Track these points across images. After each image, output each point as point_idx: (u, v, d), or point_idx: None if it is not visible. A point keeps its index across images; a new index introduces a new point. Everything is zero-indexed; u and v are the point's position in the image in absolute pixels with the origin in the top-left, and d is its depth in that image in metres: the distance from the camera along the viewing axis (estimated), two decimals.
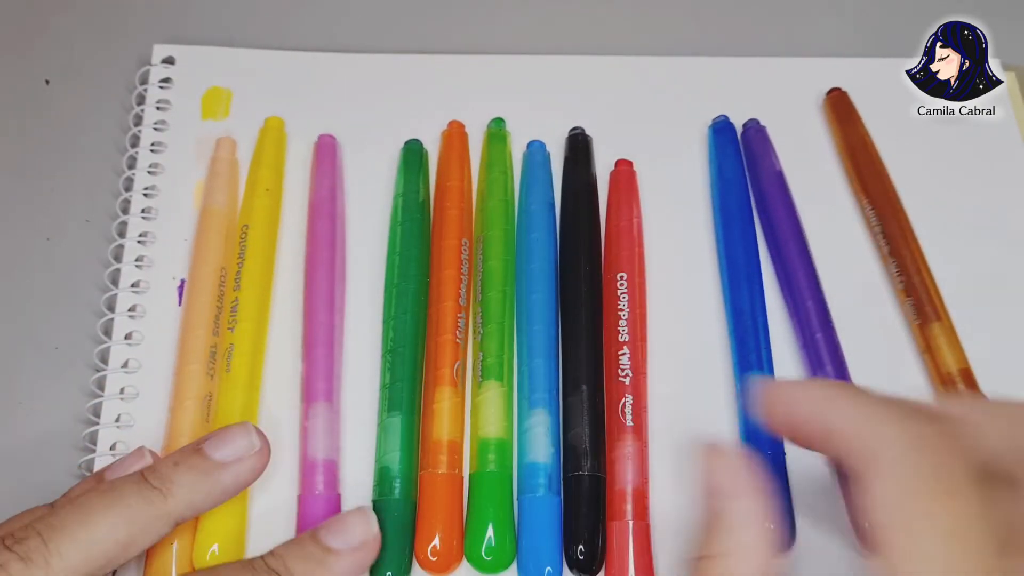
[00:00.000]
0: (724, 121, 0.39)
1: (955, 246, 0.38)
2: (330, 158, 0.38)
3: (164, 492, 0.26)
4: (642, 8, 0.44)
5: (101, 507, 0.25)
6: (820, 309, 0.34)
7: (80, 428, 0.33)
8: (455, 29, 0.43)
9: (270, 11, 0.43)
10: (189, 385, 0.32)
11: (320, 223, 0.36)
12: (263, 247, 0.35)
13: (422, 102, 0.40)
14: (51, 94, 0.41)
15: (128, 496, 0.25)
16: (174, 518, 0.26)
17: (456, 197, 0.36)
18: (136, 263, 0.36)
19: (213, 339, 0.33)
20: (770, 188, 0.37)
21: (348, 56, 0.41)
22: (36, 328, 0.36)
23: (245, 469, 0.27)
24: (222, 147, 0.38)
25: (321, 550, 0.27)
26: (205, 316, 0.34)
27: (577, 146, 0.38)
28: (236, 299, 0.34)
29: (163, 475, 0.26)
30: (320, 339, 0.33)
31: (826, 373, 0.33)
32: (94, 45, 0.42)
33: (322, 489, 0.31)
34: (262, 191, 0.36)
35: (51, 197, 0.38)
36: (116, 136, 0.39)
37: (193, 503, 0.26)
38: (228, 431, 0.27)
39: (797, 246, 0.36)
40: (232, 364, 0.32)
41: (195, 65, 0.41)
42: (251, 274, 0.34)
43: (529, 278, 0.35)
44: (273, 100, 0.40)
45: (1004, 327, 0.36)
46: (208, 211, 0.36)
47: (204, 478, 0.26)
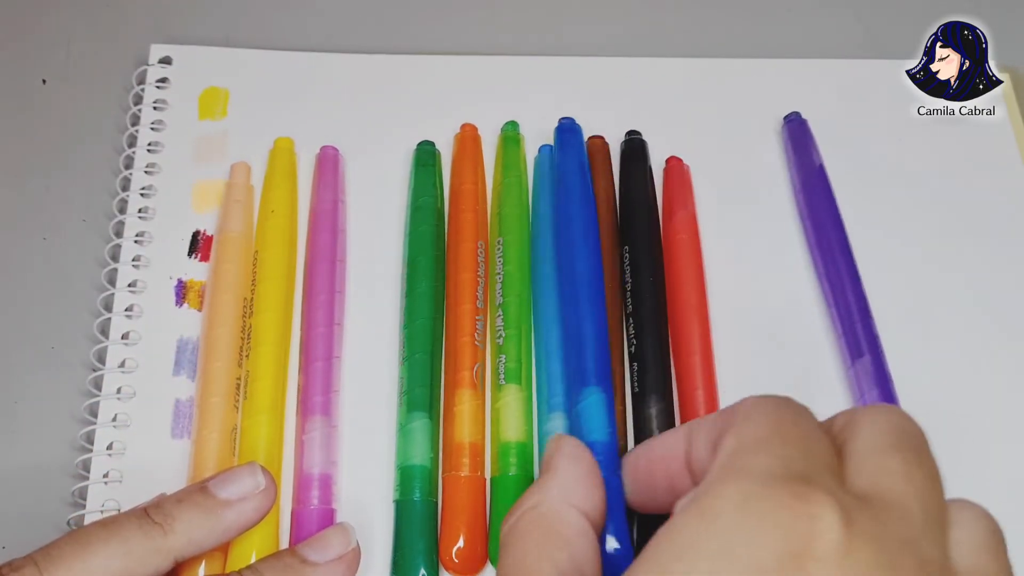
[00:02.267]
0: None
1: (954, 246, 0.38)
2: (332, 170, 0.37)
3: (165, 528, 0.26)
4: (642, 10, 0.44)
5: (99, 539, 0.25)
6: (861, 302, 0.35)
7: (77, 428, 0.33)
8: (454, 29, 0.43)
9: (268, 11, 0.43)
10: (212, 417, 0.32)
11: (321, 237, 0.35)
12: (276, 270, 0.35)
13: (421, 103, 0.40)
14: (48, 94, 0.41)
15: (128, 529, 0.25)
16: (174, 554, 0.26)
17: (471, 200, 0.36)
18: (133, 263, 0.36)
19: (237, 370, 0.33)
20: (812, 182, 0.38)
21: (346, 56, 0.41)
22: (33, 328, 0.35)
23: (249, 508, 0.27)
24: (237, 172, 0.37)
25: (299, 561, 0.27)
26: (226, 346, 0.33)
27: (634, 149, 0.38)
28: (250, 326, 0.33)
29: (165, 511, 0.26)
30: (318, 353, 0.33)
31: (864, 364, 0.34)
32: (91, 45, 0.42)
33: (316, 503, 0.31)
34: (268, 213, 0.36)
35: (48, 197, 0.38)
36: (113, 136, 0.39)
37: (194, 540, 0.26)
38: (234, 471, 0.28)
39: (839, 240, 0.36)
40: (250, 392, 0.32)
41: (192, 65, 0.40)
42: (265, 299, 0.34)
43: (545, 282, 0.35)
44: (271, 100, 0.40)
45: (1004, 327, 0.36)
46: (224, 239, 0.35)
47: (207, 515, 0.26)
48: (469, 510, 0.31)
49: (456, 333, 0.34)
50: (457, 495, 0.31)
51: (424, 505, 0.31)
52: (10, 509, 0.32)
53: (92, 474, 0.32)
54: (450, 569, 0.30)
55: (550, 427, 0.32)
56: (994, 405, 0.35)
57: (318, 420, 0.32)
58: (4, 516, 0.32)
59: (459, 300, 0.34)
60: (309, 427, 0.32)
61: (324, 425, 0.32)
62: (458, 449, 0.31)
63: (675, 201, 0.37)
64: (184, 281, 0.36)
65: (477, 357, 0.33)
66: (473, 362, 0.33)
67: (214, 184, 0.38)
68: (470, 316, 0.34)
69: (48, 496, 0.32)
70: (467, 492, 0.31)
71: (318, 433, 0.32)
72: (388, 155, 0.38)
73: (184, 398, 0.33)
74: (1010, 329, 0.36)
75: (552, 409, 0.32)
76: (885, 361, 0.34)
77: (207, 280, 0.35)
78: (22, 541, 0.29)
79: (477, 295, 0.34)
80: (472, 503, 0.31)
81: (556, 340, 0.33)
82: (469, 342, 0.33)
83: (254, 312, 0.34)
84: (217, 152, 0.38)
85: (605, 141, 0.38)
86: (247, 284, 0.34)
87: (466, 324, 0.33)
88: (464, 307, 0.34)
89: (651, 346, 0.34)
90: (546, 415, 0.32)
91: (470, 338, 0.33)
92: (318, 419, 0.32)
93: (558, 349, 0.33)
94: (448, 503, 0.31)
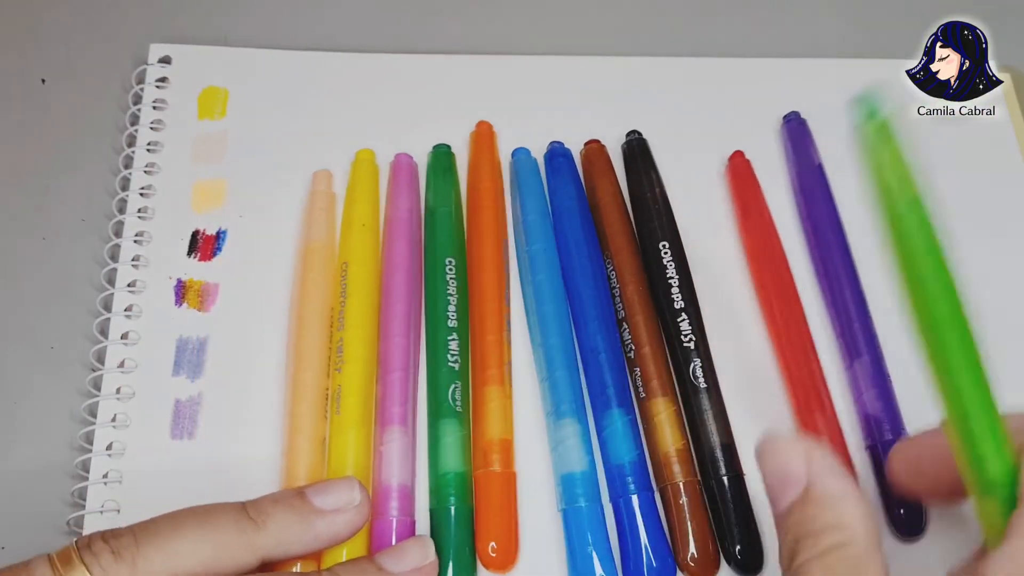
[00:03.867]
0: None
1: (954, 246, 0.38)
2: (407, 178, 0.37)
3: (258, 524, 0.26)
4: (639, 9, 0.44)
5: (194, 523, 0.25)
6: (859, 301, 0.35)
7: (76, 428, 0.33)
8: (454, 29, 0.43)
9: (267, 10, 0.43)
10: (302, 426, 0.32)
11: (397, 246, 0.35)
12: (367, 285, 0.34)
13: (422, 102, 0.40)
14: (47, 93, 0.41)
15: (222, 519, 0.26)
16: (262, 552, 0.26)
17: (490, 198, 0.37)
18: (132, 263, 0.36)
19: (326, 380, 0.33)
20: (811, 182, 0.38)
21: (346, 56, 0.41)
22: (32, 328, 0.35)
23: (342, 521, 0.27)
24: (319, 180, 0.37)
25: (375, 568, 0.27)
26: (316, 356, 0.33)
27: (635, 150, 0.38)
28: (341, 339, 0.33)
29: (261, 508, 0.26)
30: (395, 363, 0.33)
31: (863, 363, 0.34)
32: (90, 44, 0.42)
33: (396, 514, 0.31)
34: (359, 226, 0.36)
35: (47, 196, 0.38)
36: (112, 135, 0.39)
37: (283, 541, 0.26)
38: (333, 482, 0.28)
39: (837, 240, 0.36)
40: (342, 406, 0.32)
41: (192, 64, 0.40)
42: (356, 314, 0.34)
43: (537, 290, 0.35)
44: (270, 100, 0.40)
45: (1004, 326, 0.36)
46: (310, 248, 0.35)
47: (299, 520, 0.27)
48: (503, 505, 0.31)
49: (482, 331, 0.34)
50: (491, 491, 0.31)
51: (460, 504, 0.31)
52: (10, 509, 0.32)
53: (92, 474, 0.32)
54: (488, 565, 0.30)
55: (562, 435, 0.32)
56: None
57: (396, 431, 0.32)
58: (4, 516, 0.32)
59: (484, 299, 0.34)
60: (387, 438, 0.32)
61: (402, 436, 0.32)
62: (489, 445, 0.32)
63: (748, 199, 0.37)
64: (183, 281, 0.36)
65: (504, 354, 0.33)
66: (500, 359, 0.33)
67: (214, 184, 0.38)
68: (496, 314, 0.34)
69: (48, 496, 0.32)
70: (500, 487, 0.31)
71: (396, 444, 0.32)
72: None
73: (184, 398, 0.33)
74: (1010, 328, 0.36)
75: (561, 416, 0.32)
76: (884, 361, 0.34)
77: (293, 289, 0.35)
78: (22, 541, 0.29)
79: (503, 293, 0.34)
80: (506, 498, 0.31)
81: (557, 348, 0.33)
82: (496, 340, 0.33)
83: (345, 326, 0.33)
84: (216, 152, 0.38)
85: (602, 144, 0.38)
86: (335, 295, 0.34)
87: (492, 322, 0.34)
88: (489, 305, 0.34)
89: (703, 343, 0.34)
90: (555, 423, 0.32)
91: (498, 335, 0.33)
92: (396, 429, 0.32)
93: (563, 356, 0.33)
94: (482, 499, 0.31)
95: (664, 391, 0.33)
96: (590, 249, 0.36)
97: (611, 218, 0.36)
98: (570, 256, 0.35)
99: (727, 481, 0.31)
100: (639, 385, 0.33)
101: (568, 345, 0.34)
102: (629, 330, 0.34)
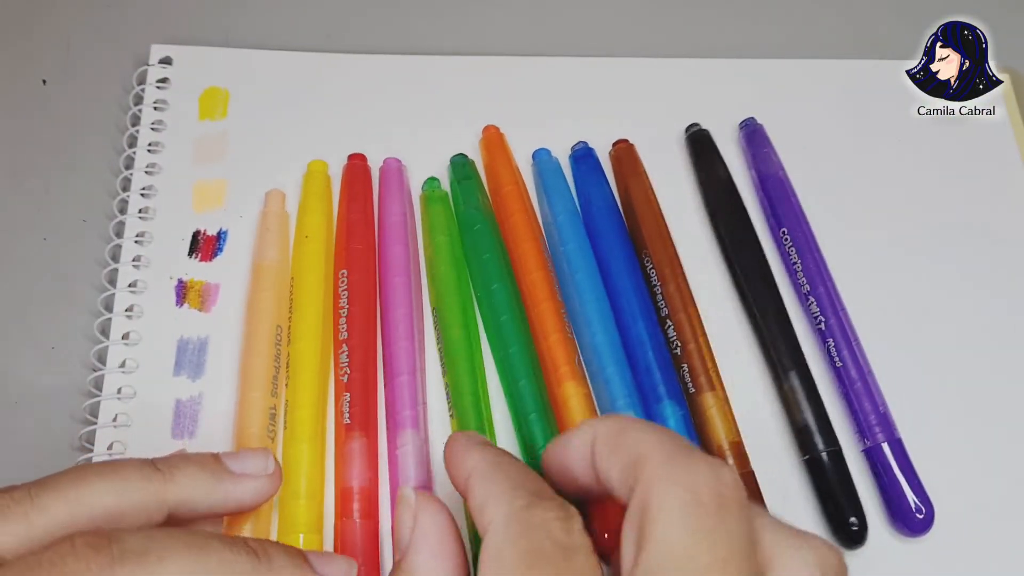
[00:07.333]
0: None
1: (954, 246, 0.38)
2: (396, 181, 0.37)
3: (165, 476, 0.25)
4: (641, 10, 0.44)
5: (97, 475, 0.25)
6: (832, 297, 0.35)
7: (77, 428, 0.33)
8: (454, 29, 0.43)
9: (268, 11, 0.43)
10: (251, 445, 0.32)
11: (392, 250, 0.35)
12: (312, 296, 0.34)
13: (423, 103, 0.40)
14: (48, 94, 0.41)
15: (128, 471, 0.25)
16: (168, 505, 0.25)
17: (517, 201, 0.36)
18: (133, 263, 0.36)
19: (272, 400, 0.33)
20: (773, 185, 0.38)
21: (347, 56, 0.41)
22: (33, 328, 0.35)
23: (252, 486, 0.27)
24: (271, 200, 0.37)
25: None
26: (262, 377, 0.33)
27: (701, 142, 0.38)
28: (287, 354, 0.33)
29: (171, 462, 0.26)
30: (401, 367, 0.33)
31: (843, 357, 0.34)
32: (91, 45, 0.42)
33: None
34: (301, 238, 0.36)
35: (48, 197, 0.38)
36: (113, 136, 0.39)
37: (190, 498, 0.26)
38: (248, 451, 0.28)
39: (807, 240, 0.36)
40: (289, 421, 0.32)
41: (193, 65, 0.40)
42: (302, 327, 0.33)
43: (579, 289, 0.35)
44: (271, 101, 0.40)
45: (1003, 326, 0.36)
46: (259, 267, 0.35)
47: (209, 477, 0.26)
48: None
49: (544, 331, 0.34)
50: None
51: None
52: None
53: None
54: None
55: None
56: (993, 405, 0.35)
57: (409, 434, 0.32)
58: None
59: (536, 300, 0.34)
60: (401, 441, 0.32)
61: (415, 438, 0.32)
62: None
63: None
64: (184, 281, 0.36)
65: (572, 349, 0.33)
66: (569, 355, 0.33)
67: (215, 184, 0.38)
68: (554, 312, 0.34)
69: None
70: None
71: (410, 447, 0.32)
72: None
73: (185, 398, 0.33)
74: (1009, 329, 0.36)
75: (618, 412, 0.32)
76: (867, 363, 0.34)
77: (245, 309, 0.35)
78: None
79: (554, 291, 0.34)
80: None
81: (605, 345, 0.33)
82: (561, 337, 0.33)
83: (291, 340, 0.33)
84: (217, 152, 0.38)
85: (631, 143, 0.38)
86: (283, 312, 0.34)
87: (552, 321, 0.34)
88: (544, 305, 0.34)
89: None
90: None
91: (561, 333, 0.33)
92: (408, 433, 0.32)
93: (611, 353, 0.33)
94: None
95: (712, 385, 0.33)
96: (627, 248, 0.36)
97: (646, 216, 0.36)
98: (607, 254, 0.35)
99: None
100: (687, 381, 0.33)
101: (615, 341, 0.33)
102: (674, 327, 0.34)
